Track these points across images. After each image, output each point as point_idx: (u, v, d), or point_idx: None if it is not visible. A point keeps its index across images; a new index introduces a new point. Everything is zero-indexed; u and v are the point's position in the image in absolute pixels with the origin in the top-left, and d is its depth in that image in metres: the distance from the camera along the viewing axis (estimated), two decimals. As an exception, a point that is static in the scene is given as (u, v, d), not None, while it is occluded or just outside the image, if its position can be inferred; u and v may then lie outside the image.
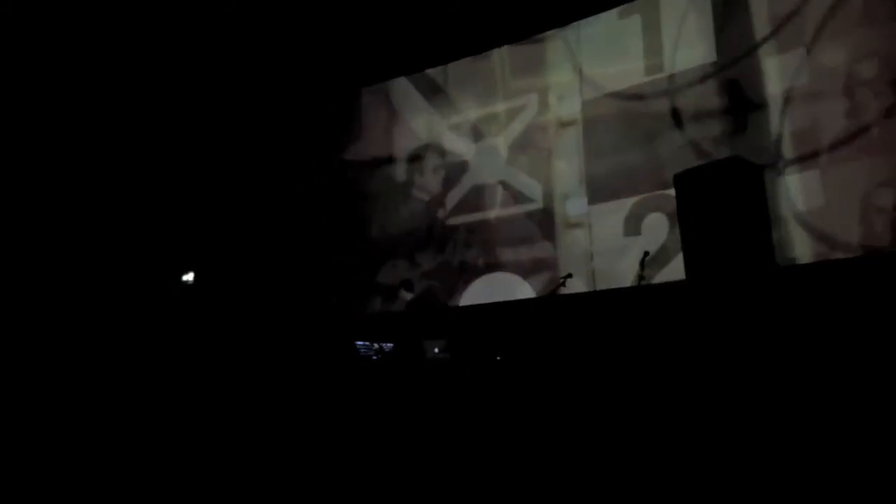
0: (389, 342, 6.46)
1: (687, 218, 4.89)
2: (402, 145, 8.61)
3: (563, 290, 6.15)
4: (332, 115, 8.97)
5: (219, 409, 5.15)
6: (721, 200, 4.63)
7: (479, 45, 8.07)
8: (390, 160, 8.66)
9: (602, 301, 6.72)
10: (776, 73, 6.25)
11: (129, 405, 5.21)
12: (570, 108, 7.42)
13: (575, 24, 7.48)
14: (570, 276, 6.22)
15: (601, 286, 6.89)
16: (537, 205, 7.49)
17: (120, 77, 7.34)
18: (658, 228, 6.62)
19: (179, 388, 5.48)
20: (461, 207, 8.02)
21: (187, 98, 7.90)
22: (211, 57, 7.87)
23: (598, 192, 7.09)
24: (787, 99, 6.16)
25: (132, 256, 7.21)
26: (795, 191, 6.02)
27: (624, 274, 6.53)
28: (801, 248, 5.94)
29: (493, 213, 7.78)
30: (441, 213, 8.14)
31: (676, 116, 6.73)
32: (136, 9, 6.99)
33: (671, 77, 6.80)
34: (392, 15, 7.82)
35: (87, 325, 6.33)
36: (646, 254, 5.67)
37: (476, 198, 7.93)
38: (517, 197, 7.65)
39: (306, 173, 8.75)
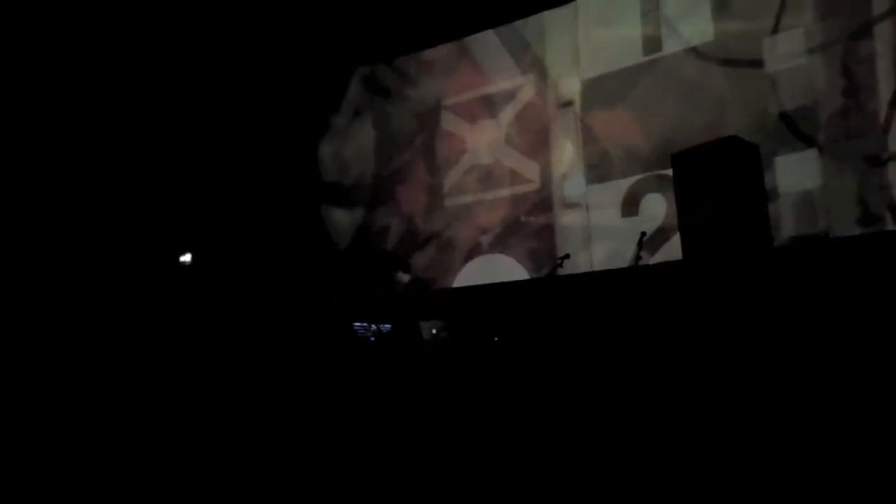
0: (386, 323, 6.48)
1: (683, 198, 4.88)
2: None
3: (561, 271, 6.15)
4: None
5: (218, 399, 5.17)
6: (717, 180, 4.61)
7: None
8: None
9: (600, 282, 6.72)
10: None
11: (128, 395, 5.23)
12: (569, 86, 7.36)
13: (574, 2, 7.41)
14: (567, 256, 6.22)
15: (599, 267, 6.88)
16: (534, 185, 7.46)
17: (112, 71, 7.28)
18: (656, 209, 6.60)
19: (179, 381, 5.50)
20: (459, 187, 8.00)
21: (188, 92, 7.84)
22: (215, 41, 7.81)
23: (596, 172, 7.07)
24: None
25: (132, 255, 7.20)
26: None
27: (621, 254, 6.52)
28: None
29: (490, 194, 7.75)
30: (440, 193, 8.13)
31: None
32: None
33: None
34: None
35: (85, 322, 6.33)
36: (643, 234, 5.65)
37: (474, 177, 7.90)
38: (514, 176, 7.62)
39: (307, 172, 8.73)
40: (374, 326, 6.33)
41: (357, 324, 6.27)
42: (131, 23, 7.13)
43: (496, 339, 6.23)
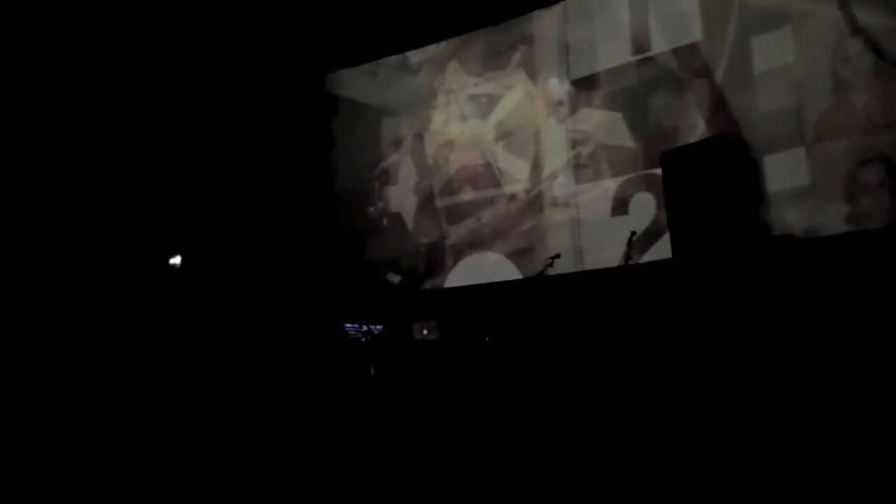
0: (378, 324, 6.47)
1: (673, 197, 4.90)
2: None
3: (551, 271, 6.16)
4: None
5: (208, 400, 5.14)
6: (706, 179, 4.64)
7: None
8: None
9: (590, 281, 6.73)
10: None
11: (123, 394, 5.20)
12: (559, 86, 7.38)
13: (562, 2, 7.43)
14: (558, 256, 6.23)
15: (589, 266, 6.90)
16: (524, 185, 7.47)
17: (109, 69, 7.23)
18: (646, 208, 6.62)
19: (173, 381, 5.47)
20: (449, 187, 8.00)
21: (185, 93, 7.79)
22: (212, 39, 7.78)
23: (586, 171, 7.08)
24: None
25: (136, 253, 7.17)
26: None
27: (612, 253, 6.54)
28: None
29: (479, 193, 7.76)
30: (430, 193, 8.13)
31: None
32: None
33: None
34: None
35: (84, 324, 6.29)
36: (632, 233, 5.68)
37: (464, 177, 7.90)
38: (504, 176, 7.63)
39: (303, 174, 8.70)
40: (365, 327, 6.32)
41: (348, 325, 6.26)
42: (130, 23, 7.10)
43: (487, 339, 6.23)
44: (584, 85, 7.20)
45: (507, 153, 7.64)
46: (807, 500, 3.10)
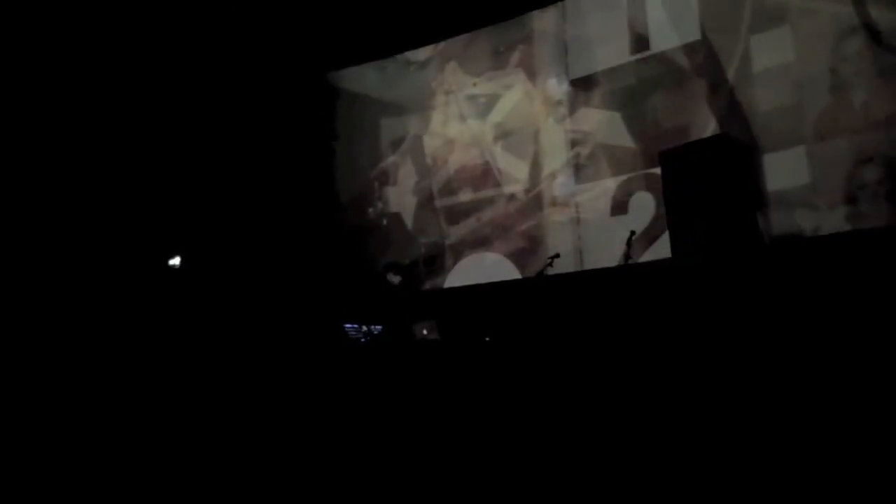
0: (378, 324, 6.47)
1: (672, 196, 4.90)
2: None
3: (551, 271, 6.16)
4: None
5: (206, 401, 5.14)
6: (706, 178, 4.64)
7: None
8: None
9: (590, 281, 6.73)
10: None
11: (119, 393, 5.19)
12: (557, 86, 7.38)
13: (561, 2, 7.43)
14: (557, 256, 6.22)
15: (588, 266, 6.89)
16: (523, 185, 7.47)
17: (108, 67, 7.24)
18: (645, 207, 6.62)
19: (170, 382, 5.46)
20: (448, 187, 8.00)
21: (187, 96, 7.79)
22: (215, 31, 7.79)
23: (586, 171, 7.08)
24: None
25: (136, 254, 7.17)
26: None
27: (611, 253, 6.54)
28: None
29: (478, 194, 7.75)
30: (429, 193, 8.13)
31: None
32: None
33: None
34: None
35: (80, 319, 6.28)
36: (632, 233, 5.68)
37: (463, 177, 7.90)
38: (503, 176, 7.63)
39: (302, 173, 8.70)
40: (365, 327, 6.32)
41: (348, 325, 6.25)
42: (130, 21, 7.10)
43: (487, 339, 6.22)
44: (583, 85, 7.20)
45: (506, 153, 7.65)
46: (807, 501, 3.10)
